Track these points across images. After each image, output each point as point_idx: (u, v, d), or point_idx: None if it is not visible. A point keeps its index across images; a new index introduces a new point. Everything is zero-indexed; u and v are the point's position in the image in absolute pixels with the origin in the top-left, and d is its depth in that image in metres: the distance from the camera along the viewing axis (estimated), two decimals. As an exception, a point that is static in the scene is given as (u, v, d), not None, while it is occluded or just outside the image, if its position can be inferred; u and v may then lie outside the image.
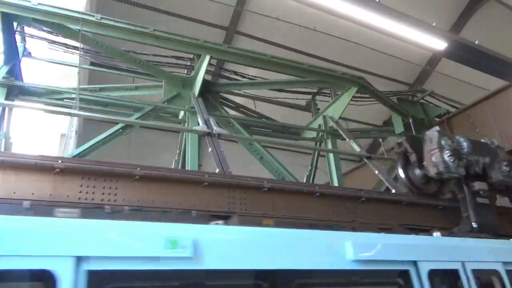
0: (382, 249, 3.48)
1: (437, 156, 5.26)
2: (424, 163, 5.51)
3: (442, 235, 4.66)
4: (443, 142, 5.33)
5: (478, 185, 5.46)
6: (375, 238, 3.76)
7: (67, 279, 2.23)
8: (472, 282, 3.81)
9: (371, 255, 3.35)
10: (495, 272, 4.09)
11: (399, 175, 5.80)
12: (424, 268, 3.56)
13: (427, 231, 4.93)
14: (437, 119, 9.07)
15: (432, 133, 5.49)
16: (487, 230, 5.06)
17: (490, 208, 5.52)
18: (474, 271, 3.89)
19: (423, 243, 4.03)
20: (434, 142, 5.37)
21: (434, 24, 8.81)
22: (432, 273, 3.58)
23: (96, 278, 2.33)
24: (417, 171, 5.60)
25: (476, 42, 9.63)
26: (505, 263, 4.16)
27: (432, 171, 5.31)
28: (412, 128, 8.41)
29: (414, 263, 3.55)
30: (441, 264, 3.81)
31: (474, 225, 5.12)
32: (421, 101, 9.61)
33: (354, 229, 4.79)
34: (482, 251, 4.30)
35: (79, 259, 2.31)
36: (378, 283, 3.55)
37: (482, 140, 5.89)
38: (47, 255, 2.26)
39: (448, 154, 5.23)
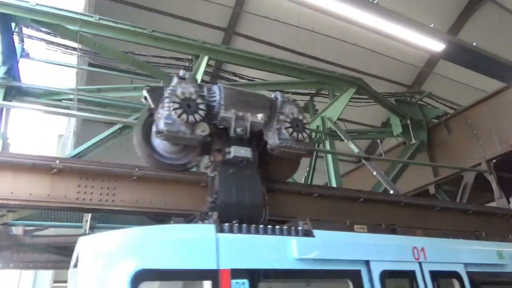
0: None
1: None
2: None
3: None
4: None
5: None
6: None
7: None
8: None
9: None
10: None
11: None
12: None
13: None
14: (435, 120, 9.10)
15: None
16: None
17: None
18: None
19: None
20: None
21: (432, 26, 8.81)
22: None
23: None
24: None
25: (474, 44, 9.64)
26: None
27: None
28: (410, 129, 8.43)
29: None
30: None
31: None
32: (419, 102, 9.64)
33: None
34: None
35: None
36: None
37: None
38: None
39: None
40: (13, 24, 5.73)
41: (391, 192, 6.21)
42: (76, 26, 5.59)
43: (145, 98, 4.04)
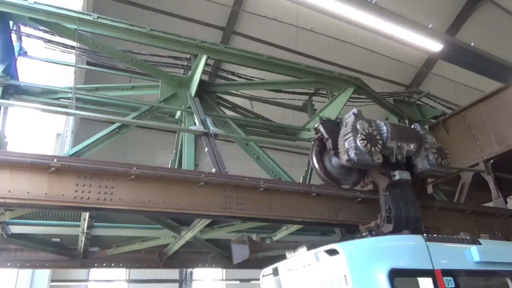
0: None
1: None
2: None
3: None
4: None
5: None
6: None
7: None
8: None
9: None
10: None
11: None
12: None
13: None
14: (433, 120, 9.11)
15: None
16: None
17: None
18: None
19: None
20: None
21: (430, 26, 8.84)
22: None
23: None
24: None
25: (471, 44, 9.69)
26: None
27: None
28: (409, 129, 8.44)
29: None
30: None
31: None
32: (417, 102, 9.65)
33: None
34: None
35: None
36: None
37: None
38: None
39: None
40: (11, 22, 5.71)
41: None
42: (74, 24, 5.57)
43: (315, 129, 5.12)
